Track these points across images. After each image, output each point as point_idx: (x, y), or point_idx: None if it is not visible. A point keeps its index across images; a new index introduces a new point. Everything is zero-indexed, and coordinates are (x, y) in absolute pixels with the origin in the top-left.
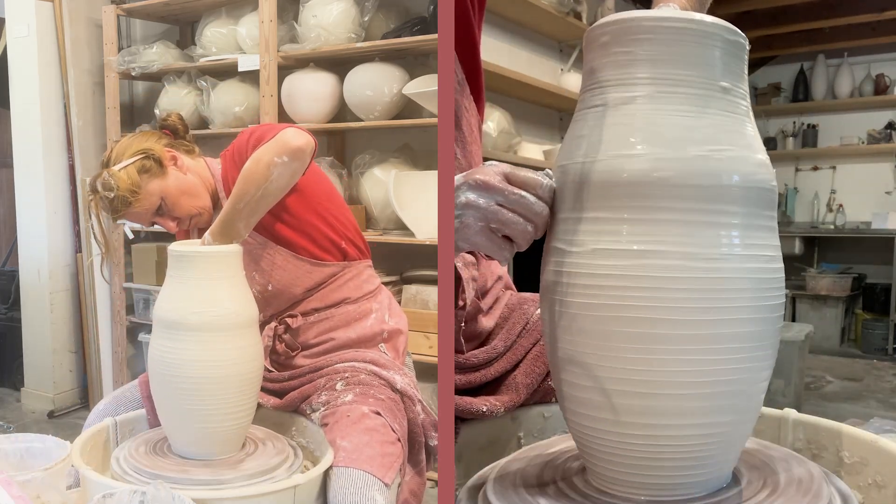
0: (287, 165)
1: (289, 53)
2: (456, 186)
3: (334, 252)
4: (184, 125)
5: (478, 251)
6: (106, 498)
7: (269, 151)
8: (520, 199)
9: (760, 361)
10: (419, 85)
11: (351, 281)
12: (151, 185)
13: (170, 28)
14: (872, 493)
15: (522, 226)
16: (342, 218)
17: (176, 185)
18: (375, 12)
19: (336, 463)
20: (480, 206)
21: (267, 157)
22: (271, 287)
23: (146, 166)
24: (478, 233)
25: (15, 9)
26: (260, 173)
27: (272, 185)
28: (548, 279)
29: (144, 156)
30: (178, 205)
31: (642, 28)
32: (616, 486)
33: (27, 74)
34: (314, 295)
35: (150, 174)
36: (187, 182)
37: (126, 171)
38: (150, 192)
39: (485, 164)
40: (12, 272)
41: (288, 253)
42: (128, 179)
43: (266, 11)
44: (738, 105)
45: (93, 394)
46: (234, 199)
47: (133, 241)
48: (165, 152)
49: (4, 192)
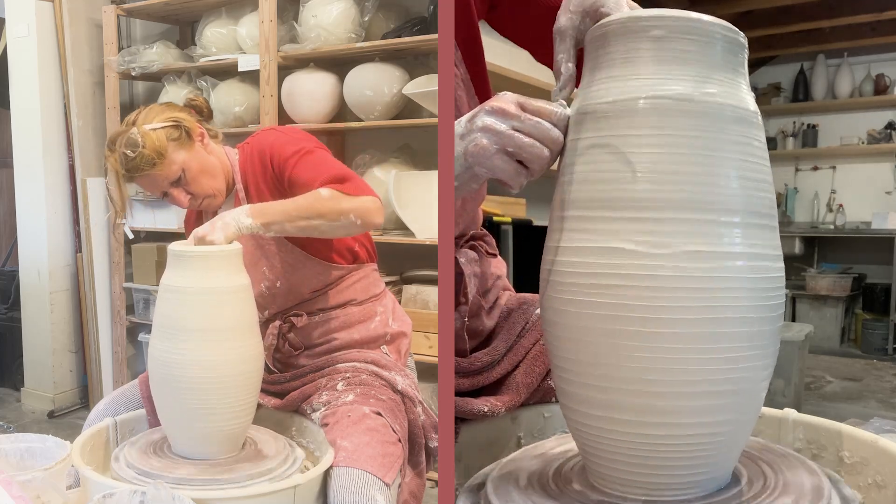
0: (352, 226)
1: (289, 53)
2: (472, 113)
3: (346, 254)
4: (209, 110)
5: (494, 174)
6: (106, 498)
7: (353, 205)
8: (536, 125)
9: (760, 361)
10: (419, 85)
11: (358, 283)
12: (177, 154)
13: (170, 28)
14: (872, 493)
15: (539, 149)
16: None
17: (199, 161)
18: (375, 12)
19: (336, 463)
20: (498, 130)
21: (347, 208)
22: (280, 284)
23: (176, 134)
24: (494, 155)
25: (15, 9)
26: (332, 213)
27: (328, 229)
28: (547, 279)
29: (176, 124)
30: (197, 181)
31: (643, 27)
32: (616, 486)
33: (27, 74)
34: (321, 295)
35: (179, 142)
36: (209, 162)
37: (156, 133)
38: (173, 161)
39: (500, 93)
40: (12, 272)
41: (301, 253)
42: (157, 140)
43: (266, 11)
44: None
45: (93, 394)
46: (292, 206)
47: (133, 241)
48: (196, 126)
49: (4, 192)
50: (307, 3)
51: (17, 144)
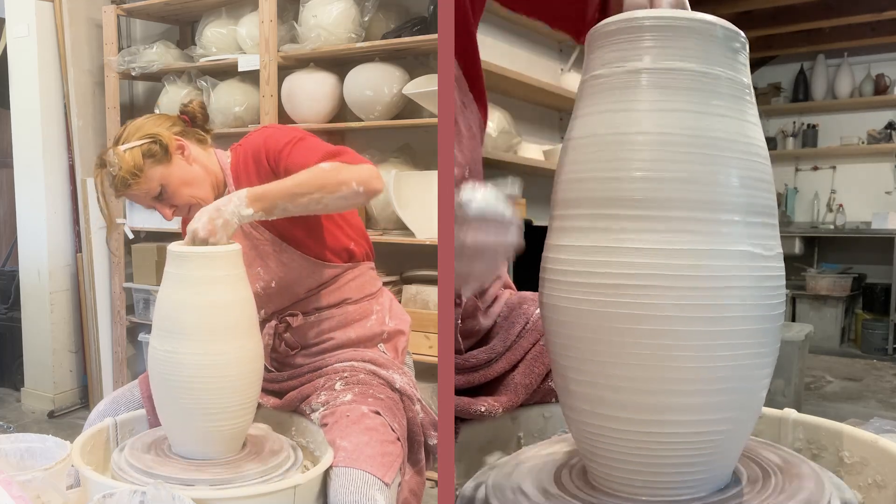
0: (355, 196)
1: (289, 53)
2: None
3: (341, 253)
4: (203, 114)
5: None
6: (106, 498)
7: (352, 173)
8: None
9: (761, 361)
10: (419, 85)
11: (353, 282)
12: (153, 171)
13: (170, 28)
14: (872, 493)
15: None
16: (350, 219)
17: (179, 174)
18: (375, 12)
19: (336, 463)
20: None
21: (347, 177)
22: (275, 284)
23: (151, 151)
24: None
25: (15, 9)
26: (332, 183)
27: (331, 201)
28: (548, 278)
29: (152, 140)
30: (178, 194)
31: (644, 27)
32: (616, 486)
33: (27, 74)
34: (316, 294)
35: (155, 159)
36: (190, 173)
37: (131, 153)
38: (150, 178)
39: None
40: (12, 272)
41: (295, 252)
42: (131, 161)
43: (266, 11)
44: (741, 105)
45: (93, 394)
46: (291, 184)
47: (133, 241)
48: (173, 140)
49: (4, 192)
50: (307, 3)
51: (17, 144)
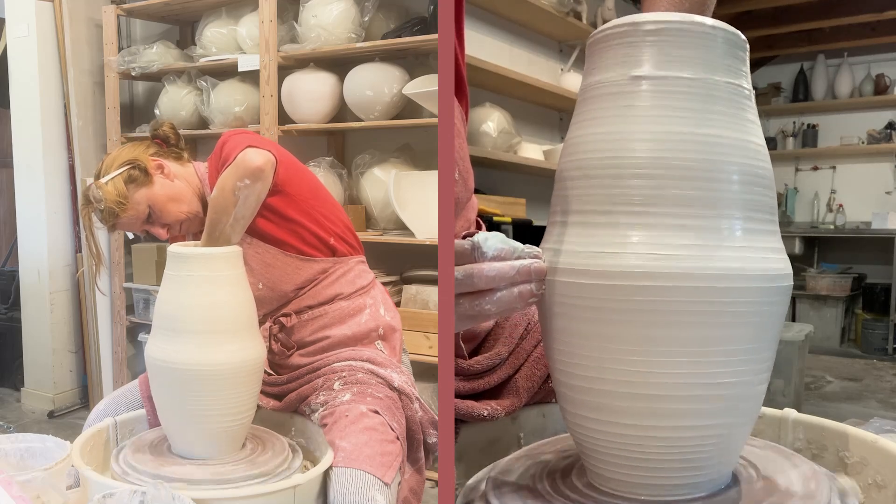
0: (251, 188)
1: (289, 53)
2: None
3: (322, 248)
4: (175, 134)
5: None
6: (106, 498)
7: (231, 177)
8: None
9: (760, 363)
10: (419, 85)
11: (343, 277)
12: (138, 195)
13: (170, 28)
14: (872, 493)
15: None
16: (330, 215)
17: (163, 192)
18: (375, 12)
19: (336, 463)
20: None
21: (230, 184)
22: (262, 286)
23: (133, 176)
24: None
25: (15, 9)
26: (227, 201)
27: (241, 209)
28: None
29: (131, 166)
30: (166, 211)
31: (645, 31)
32: (616, 486)
33: (27, 74)
34: (306, 293)
35: (137, 184)
36: (174, 188)
37: (112, 183)
38: (136, 202)
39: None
40: (12, 272)
41: (276, 250)
42: (114, 191)
43: (266, 11)
44: (741, 106)
45: (93, 394)
46: (209, 228)
47: (133, 241)
48: (151, 161)
49: (4, 192)
50: (307, 3)
51: (17, 144)
